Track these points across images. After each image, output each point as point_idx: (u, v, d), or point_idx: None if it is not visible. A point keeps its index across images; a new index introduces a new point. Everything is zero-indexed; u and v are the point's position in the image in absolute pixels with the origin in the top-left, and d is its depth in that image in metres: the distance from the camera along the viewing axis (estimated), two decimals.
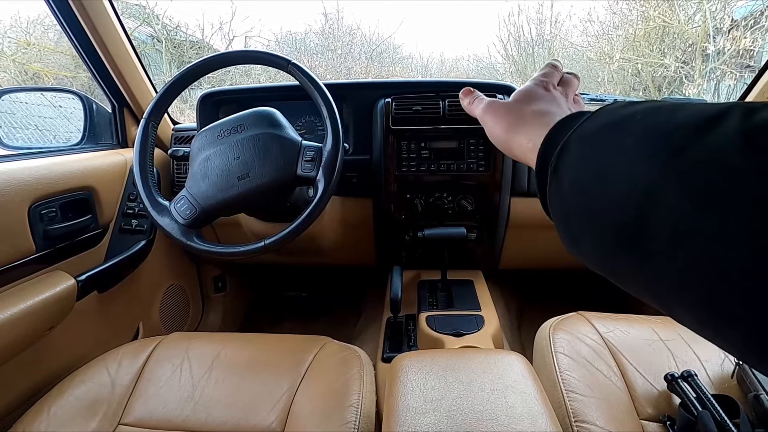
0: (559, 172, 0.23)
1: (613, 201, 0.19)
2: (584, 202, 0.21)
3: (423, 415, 0.48)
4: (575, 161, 0.23)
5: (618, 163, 0.19)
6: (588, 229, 0.21)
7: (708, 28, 3.55)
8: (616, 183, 0.19)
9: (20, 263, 0.75)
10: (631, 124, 0.20)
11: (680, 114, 0.18)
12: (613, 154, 0.20)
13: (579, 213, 0.22)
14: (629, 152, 0.19)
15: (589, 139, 0.22)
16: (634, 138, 0.19)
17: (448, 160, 0.95)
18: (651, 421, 0.60)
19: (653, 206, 0.17)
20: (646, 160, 0.18)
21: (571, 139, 0.23)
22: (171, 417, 0.64)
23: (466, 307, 0.92)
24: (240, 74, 4.21)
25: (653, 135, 0.19)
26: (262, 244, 0.70)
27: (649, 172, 0.18)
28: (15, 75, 3.75)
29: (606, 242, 0.20)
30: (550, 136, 0.27)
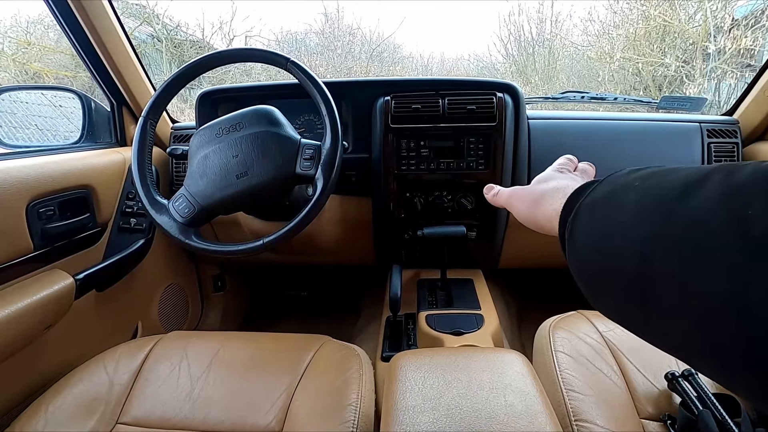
0: (573, 235, 0.27)
1: (619, 259, 0.22)
2: (596, 259, 0.24)
3: (422, 414, 0.47)
4: (585, 225, 0.26)
5: (620, 225, 0.22)
6: (602, 285, 0.24)
7: (709, 28, 3.54)
8: (620, 242, 0.22)
9: (18, 262, 0.74)
10: (630, 190, 0.23)
11: (671, 177, 0.21)
12: (616, 218, 0.23)
13: (592, 270, 0.25)
14: (629, 215, 0.22)
15: (596, 205, 0.26)
16: (632, 203, 0.22)
17: (448, 158, 0.95)
18: (651, 420, 0.60)
19: (649, 264, 0.19)
20: (642, 222, 0.21)
21: (581, 207, 0.27)
22: (169, 416, 0.64)
23: (466, 306, 0.92)
24: (240, 73, 4.21)
25: (647, 199, 0.21)
26: (260, 243, 0.70)
27: (644, 233, 0.20)
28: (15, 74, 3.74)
29: (618, 296, 0.23)
30: (567, 204, 0.30)
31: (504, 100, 0.92)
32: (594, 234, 0.25)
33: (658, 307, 0.19)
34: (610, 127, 1.02)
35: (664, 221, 0.19)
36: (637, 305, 0.21)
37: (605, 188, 0.26)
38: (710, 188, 0.18)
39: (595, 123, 1.02)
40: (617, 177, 0.26)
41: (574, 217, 0.27)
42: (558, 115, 1.08)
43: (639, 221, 0.21)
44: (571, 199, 0.31)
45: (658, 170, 0.23)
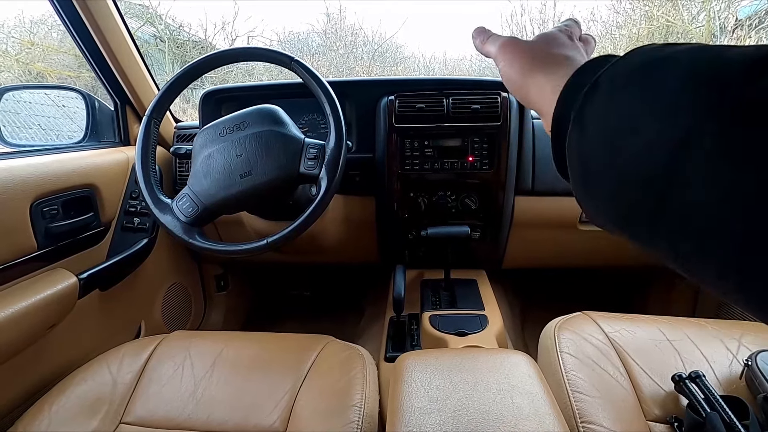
0: (584, 117, 0.21)
1: (646, 146, 0.17)
2: (610, 149, 0.19)
3: (428, 415, 0.47)
4: (605, 102, 0.20)
5: (656, 105, 0.17)
6: (609, 181, 0.20)
7: (712, 28, 3.53)
8: (651, 127, 0.17)
9: (21, 261, 0.74)
10: (671, 63, 0.18)
11: (730, 53, 0.16)
12: (651, 95, 0.18)
13: (601, 162, 0.20)
14: (670, 94, 0.17)
15: (622, 79, 0.20)
16: (677, 77, 0.17)
17: (452, 158, 0.95)
18: (658, 423, 0.59)
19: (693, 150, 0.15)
20: (692, 100, 0.16)
21: (601, 79, 0.21)
22: (172, 416, 0.64)
23: (470, 307, 0.91)
24: (243, 73, 4.21)
25: (700, 73, 0.16)
26: (264, 243, 0.70)
27: (693, 113, 0.16)
28: (19, 74, 3.76)
29: (629, 195, 0.18)
30: (576, 77, 0.25)
31: (509, 100, 0.92)
32: (615, 114, 0.19)
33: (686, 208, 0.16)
34: None
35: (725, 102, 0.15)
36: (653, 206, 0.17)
37: (634, 60, 0.20)
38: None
39: None
40: (650, 49, 0.20)
41: (590, 91, 0.21)
42: None
43: (687, 100, 0.16)
44: (582, 71, 0.25)
45: (707, 46, 0.18)
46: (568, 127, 0.22)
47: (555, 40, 0.30)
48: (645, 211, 0.18)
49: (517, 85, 0.30)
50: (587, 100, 0.21)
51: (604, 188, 0.20)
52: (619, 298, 1.40)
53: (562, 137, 0.23)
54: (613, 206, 0.20)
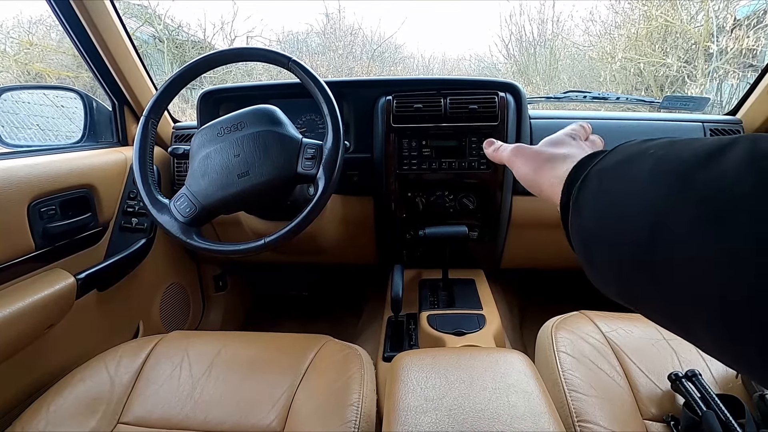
0: (579, 202, 0.26)
1: (628, 226, 0.21)
2: (602, 229, 0.23)
3: (424, 414, 0.47)
4: (594, 193, 0.25)
5: (632, 192, 0.21)
6: (605, 255, 0.23)
7: (711, 28, 3.53)
8: (630, 210, 0.21)
9: (19, 261, 0.74)
10: (645, 157, 0.22)
11: (692, 146, 0.20)
12: (628, 184, 0.22)
13: (597, 240, 0.24)
14: (643, 182, 0.21)
15: (607, 172, 0.25)
16: (647, 168, 0.21)
17: (450, 158, 0.95)
18: (654, 421, 0.59)
19: (663, 229, 0.18)
20: (658, 187, 0.20)
21: (591, 173, 0.26)
22: (170, 416, 0.64)
23: (468, 306, 0.91)
24: (242, 74, 4.21)
25: (665, 165, 0.20)
26: (261, 243, 0.70)
27: (659, 197, 0.19)
28: (17, 75, 3.75)
29: (623, 266, 0.21)
30: (574, 171, 0.29)
31: (506, 100, 0.92)
32: (603, 201, 0.24)
33: (668, 275, 0.18)
34: (613, 127, 1.01)
35: (683, 186, 0.18)
36: (642, 273, 0.20)
37: (617, 155, 0.25)
38: (737, 153, 0.17)
39: (597, 123, 1.02)
40: (630, 145, 0.25)
41: (581, 184, 0.26)
42: (560, 115, 1.07)
43: (654, 187, 0.20)
44: (579, 165, 0.30)
45: (676, 140, 0.22)
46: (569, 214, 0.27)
47: (559, 142, 0.36)
48: (640, 284, 0.21)
49: (530, 181, 0.35)
50: (581, 189, 0.26)
51: (603, 262, 0.24)
52: None
53: (567, 222, 0.27)
54: (613, 278, 0.23)
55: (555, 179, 0.32)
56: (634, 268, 0.21)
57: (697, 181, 0.18)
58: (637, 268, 0.20)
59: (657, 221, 0.19)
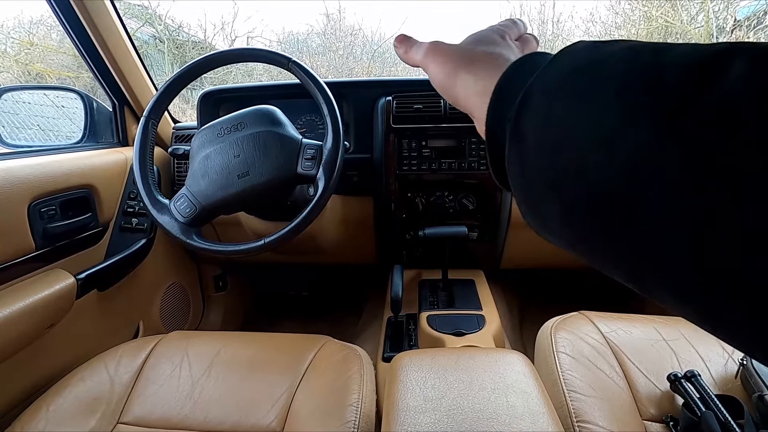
0: (521, 132, 0.20)
1: (591, 168, 0.16)
2: (552, 167, 0.18)
3: (423, 414, 0.47)
4: (541, 119, 0.19)
5: (595, 123, 0.16)
6: (556, 199, 0.18)
7: (711, 29, 3.54)
8: (593, 147, 0.16)
9: (19, 261, 0.74)
10: (605, 69, 0.17)
11: (668, 56, 0.15)
12: (587, 110, 0.17)
13: (545, 180, 0.18)
14: (609, 107, 0.16)
15: (556, 90, 0.19)
16: (612, 88, 0.16)
17: (449, 158, 0.95)
18: (654, 422, 0.59)
19: (642, 180, 0.14)
20: (631, 122, 0.15)
21: (533, 91, 0.19)
22: (170, 416, 0.64)
23: (467, 307, 0.91)
24: (242, 74, 4.21)
25: (636, 86, 0.15)
26: (261, 243, 0.70)
27: (636, 138, 0.15)
28: (18, 75, 3.76)
29: (578, 214, 0.17)
30: (505, 80, 0.23)
31: None
32: (554, 130, 0.18)
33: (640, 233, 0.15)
34: None
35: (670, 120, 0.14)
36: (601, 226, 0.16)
37: (566, 64, 0.19)
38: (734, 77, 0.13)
39: None
40: (577, 50, 0.19)
41: (521, 107, 0.20)
42: None
43: (626, 120, 0.15)
44: (510, 73, 0.23)
45: (641, 45, 0.17)
46: (505, 139, 0.21)
47: (483, 39, 0.29)
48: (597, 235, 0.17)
49: (445, 87, 0.28)
50: (521, 116, 0.20)
51: (551, 208, 0.19)
52: (616, 297, 1.40)
53: (499, 149, 0.22)
54: (563, 227, 0.19)
55: (475, 85, 0.25)
56: (592, 216, 0.16)
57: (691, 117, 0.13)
58: (597, 216, 0.16)
59: (637, 164, 0.14)
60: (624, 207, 0.15)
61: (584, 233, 0.18)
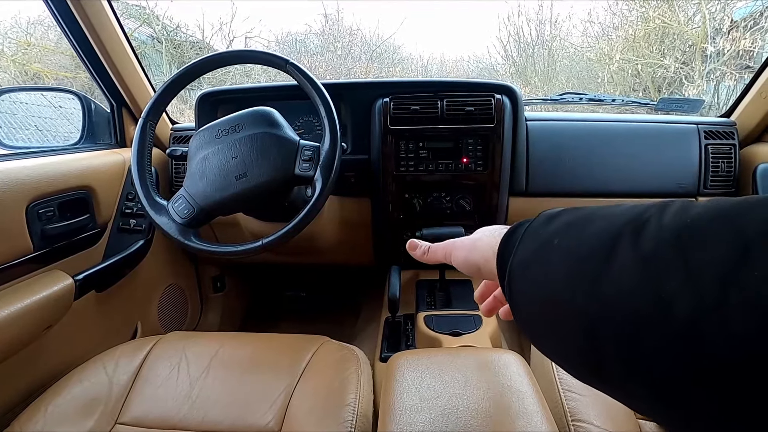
0: (514, 297, 0.26)
1: (564, 327, 0.22)
2: (542, 325, 0.24)
3: (418, 414, 0.48)
4: (523, 287, 0.25)
5: (557, 293, 0.22)
6: (554, 347, 0.24)
7: (707, 29, 3.55)
8: (563, 312, 0.21)
9: (17, 262, 0.75)
10: (553, 253, 0.23)
11: (587, 234, 0.21)
12: (549, 286, 0.23)
13: (535, 323, 0.25)
14: (560, 283, 0.22)
15: (526, 269, 0.25)
16: (559, 267, 0.22)
17: (447, 159, 0.95)
18: (648, 421, 0.60)
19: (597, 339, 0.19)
20: (574, 292, 0.20)
21: (513, 269, 0.26)
22: (168, 416, 0.64)
23: (465, 307, 0.92)
24: (240, 75, 4.21)
25: (572, 265, 0.21)
26: (259, 244, 0.70)
27: (583, 305, 0.20)
28: (15, 75, 3.75)
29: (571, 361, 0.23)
30: (498, 260, 0.30)
31: (502, 102, 0.93)
32: (534, 297, 0.24)
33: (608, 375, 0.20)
34: (608, 129, 1.02)
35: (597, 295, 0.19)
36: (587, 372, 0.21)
37: (530, 244, 0.26)
38: (625, 256, 0.18)
39: (593, 124, 1.03)
40: (536, 230, 0.26)
41: (509, 280, 0.26)
42: (556, 117, 1.08)
43: (571, 291, 0.21)
44: (500, 253, 0.30)
45: (573, 221, 0.23)
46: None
47: (488, 230, 0.36)
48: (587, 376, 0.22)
49: (467, 265, 0.36)
50: (511, 287, 0.26)
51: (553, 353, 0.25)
52: None
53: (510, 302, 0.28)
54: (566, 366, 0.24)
55: (483, 262, 0.33)
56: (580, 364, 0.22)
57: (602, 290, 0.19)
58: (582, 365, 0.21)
59: (588, 328, 0.20)
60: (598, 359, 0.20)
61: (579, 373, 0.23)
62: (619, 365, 0.18)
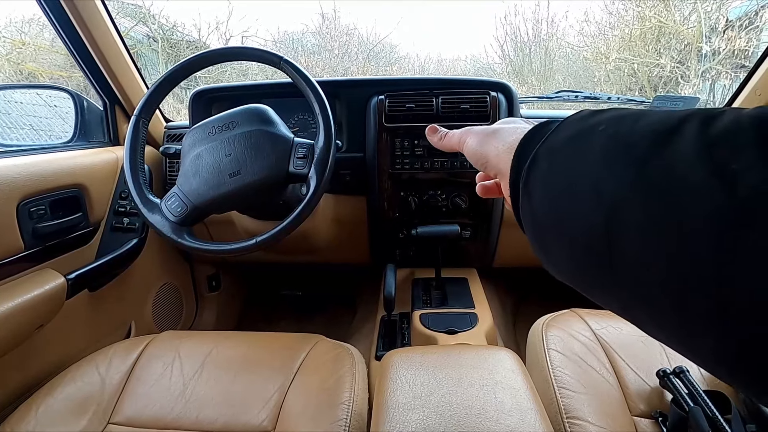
0: (529, 186, 0.24)
1: (582, 213, 0.20)
2: (554, 214, 0.22)
3: (411, 411, 0.47)
4: (544, 175, 0.23)
5: (585, 176, 0.20)
6: (559, 241, 0.22)
7: (703, 29, 3.56)
8: (583, 195, 0.20)
9: (8, 261, 0.74)
10: (594, 135, 0.21)
11: (642, 123, 0.19)
12: (579, 167, 0.21)
13: (550, 225, 0.23)
14: (594, 165, 0.20)
15: (556, 152, 0.23)
16: (598, 150, 0.20)
17: (442, 157, 0.95)
18: (643, 418, 0.60)
19: (619, 220, 0.18)
20: (611, 173, 0.19)
21: (538, 153, 0.24)
22: (161, 416, 0.64)
23: (460, 305, 0.92)
24: (237, 73, 4.19)
25: (616, 146, 0.19)
26: (253, 242, 0.70)
27: (614, 185, 0.18)
28: (9, 74, 3.72)
29: (576, 253, 0.21)
30: (521, 146, 0.28)
31: (497, 99, 0.93)
32: (553, 184, 0.22)
33: (621, 264, 0.18)
34: None
35: (635, 175, 0.17)
36: (597, 261, 0.19)
37: (566, 131, 0.23)
38: (687, 138, 0.16)
39: None
40: (576, 119, 0.23)
41: (530, 165, 0.24)
42: (552, 115, 1.08)
43: (607, 170, 0.19)
44: (527, 139, 0.28)
45: (625, 113, 0.21)
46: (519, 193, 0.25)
47: (509, 121, 0.34)
48: (593, 272, 0.20)
49: (478, 151, 0.33)
50: (530, 171, 0.24)
51: (555, 247, 0.23)
52: None
53: (517, 204, 0.26)
54: (567, 265, 0.23)
55: (502, 147, 0.30)
56: (588, 256, 0.20)
57: (650, 169, 0.17)
58: (592, 256, 0.19)
59: (613, 210, 0.18)
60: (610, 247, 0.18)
61: (583, 271, 0.21)
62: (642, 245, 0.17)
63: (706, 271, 0.15)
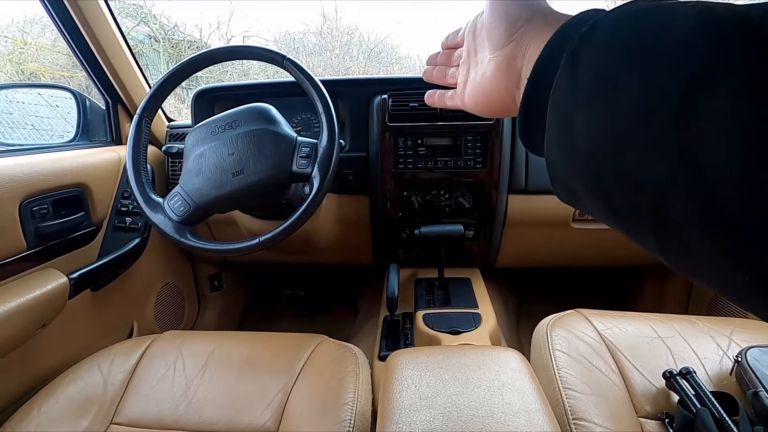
0: (580, 54, 0.19)
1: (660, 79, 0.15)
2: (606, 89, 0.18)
3: (418, 413, 0.47)
4: (605, 43, 0.18)
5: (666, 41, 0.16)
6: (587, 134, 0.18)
7: None
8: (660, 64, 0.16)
9: (11, 261, 0.74)
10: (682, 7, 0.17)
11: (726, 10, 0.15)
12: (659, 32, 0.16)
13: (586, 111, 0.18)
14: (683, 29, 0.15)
15: (628, 17, 0.18)
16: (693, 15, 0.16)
17: (445, 157, 0.95)
18: (649, 419, 0.59)
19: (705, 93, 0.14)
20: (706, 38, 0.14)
21: (600, 20, 0.19)
22: (164, 416, 0.63)
23: (464, 305, 0.91)
24: (239, 73, 4.19)
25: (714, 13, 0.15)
26: (256, 242, 0.69)
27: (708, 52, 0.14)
28: (11, 74, 3.72)
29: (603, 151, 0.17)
30: (577, 16, 0.23)
31: None
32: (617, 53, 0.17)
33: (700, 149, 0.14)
34: None
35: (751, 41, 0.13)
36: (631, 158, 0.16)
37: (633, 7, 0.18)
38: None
39: None
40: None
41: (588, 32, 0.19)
42: None
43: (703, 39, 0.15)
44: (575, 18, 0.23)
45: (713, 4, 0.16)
46: (555, 73, 0.20)
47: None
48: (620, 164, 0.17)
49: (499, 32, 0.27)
50: (584, 40, 0.19)
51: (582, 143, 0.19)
52: (613, 294, 1.40)
53: (543, 87, 0.21)
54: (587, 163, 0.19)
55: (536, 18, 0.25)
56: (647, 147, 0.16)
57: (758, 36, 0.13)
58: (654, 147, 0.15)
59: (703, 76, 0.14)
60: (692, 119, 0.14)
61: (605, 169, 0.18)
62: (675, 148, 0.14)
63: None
